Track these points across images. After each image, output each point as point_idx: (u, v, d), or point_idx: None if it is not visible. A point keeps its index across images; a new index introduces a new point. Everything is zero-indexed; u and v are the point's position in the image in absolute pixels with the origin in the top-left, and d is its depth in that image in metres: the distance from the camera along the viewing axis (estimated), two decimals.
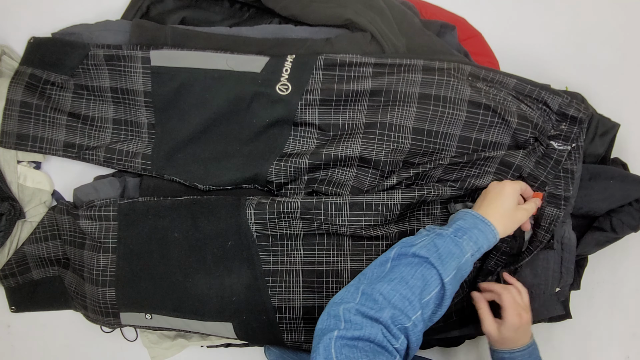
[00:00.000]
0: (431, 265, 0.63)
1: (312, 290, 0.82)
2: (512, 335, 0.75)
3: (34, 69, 0.92)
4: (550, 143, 0.83)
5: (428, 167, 0.82)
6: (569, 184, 0.81)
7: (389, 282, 0.61)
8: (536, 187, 0.82)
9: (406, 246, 0.66)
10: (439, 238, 0.66)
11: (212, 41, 0.91)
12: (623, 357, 1.03)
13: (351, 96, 0.84)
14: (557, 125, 0.85)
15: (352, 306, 0.59)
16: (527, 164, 0.82)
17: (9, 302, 0.99)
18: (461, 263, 0.65)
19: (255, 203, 0.83)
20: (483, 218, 0.70)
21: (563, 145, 0.83)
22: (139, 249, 0.86)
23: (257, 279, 0.83)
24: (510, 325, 0.74)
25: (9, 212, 0.93)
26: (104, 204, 0.88)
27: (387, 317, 0.58)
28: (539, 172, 0.81)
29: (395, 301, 0.59)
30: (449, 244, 0.65)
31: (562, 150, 0.82)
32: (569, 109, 0.83)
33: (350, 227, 0.79)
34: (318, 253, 0.83)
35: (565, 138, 0.84)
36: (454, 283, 0.64)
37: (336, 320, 0.58)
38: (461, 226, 0.68)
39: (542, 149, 0.83)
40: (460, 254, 0.65)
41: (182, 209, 0.85)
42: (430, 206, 0.84)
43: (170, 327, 0.88)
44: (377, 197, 0.79)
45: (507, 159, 0.81)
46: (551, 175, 0.80)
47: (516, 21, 1.04)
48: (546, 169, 0.80)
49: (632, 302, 1.02)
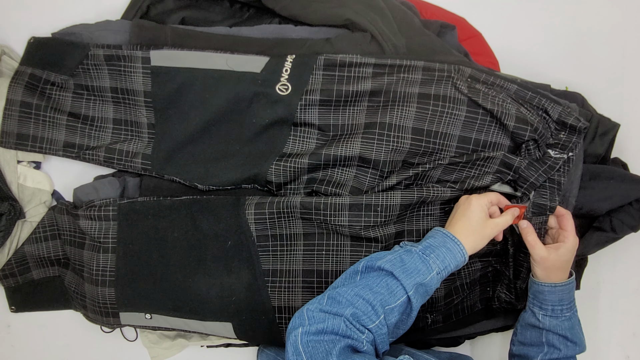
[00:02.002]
0: (395, 278, 0.66)
1: (312, 290, 0.82)
2: (569, 258, 0.76)
3: (34, 69, 0.92)
4: (547, 151, 0.83)
5: (427, 167, 0.82)
6: (554, 194, 0.81)
7: (354, 287, 0.65)
8: (524, 189, 0.81)
9: (374, 260, 0.69)
10: (407, 254, 0.69)
11: (212, 41, 0.91)
12: (623, 357, 1.03)
13: (351, 96, 0.84)
14: (556, 134, 0.84)
15: (315, 306, 0.63)
16: (522, 165, 0.81)
17: (8, 302, 0.99)
18: (426, 280, 0.67)
19: (255, 203, 0.83)
20: (452, 237, 0.71)
21: (560, 154, 0.83)
22: (139, 249, 0.86)
23: (256, 279, 0.83)
24: (572, 246, 0.76)
25: (9, 212, 0.93)
26: (104, 204, 0.88)
27: (349, 313, 0.61)
28: (530, 173, 0.80)
29: (358, 303, 0.63)
30: (416, 260, 0.68)
31: (558, 159, 0.82)
32: (568, 118, 0.83)
33: (349, 227, 0.79)
34: (317, 253, 0.83)
35: (562, 147, 0.83)
36: (418, 297, 0.66)
37: (301, 319, 0.62)
38: (430, 244, 0.71)
39: (538, 154, 0.83)
40: (426, 271, 0.67)
41: (182, 209, 0.85)
42: (430, 207, 0.84)
43: (170, 327, 0.88)
44: (376, 197, 0.79)
45: (506, 160, 0.81)
46: (542, 178, 0.80)
47: (516, 21, 1.04)
48: (537, 171, 0.80)
49: (632, 302, 1.02)
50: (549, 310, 0.77)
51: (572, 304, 0.78)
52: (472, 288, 0.89)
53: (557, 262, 0.76)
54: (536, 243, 0.77)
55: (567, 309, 0.77)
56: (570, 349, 0.77)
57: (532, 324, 0.79)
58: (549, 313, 0.77)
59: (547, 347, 0.77)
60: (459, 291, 0.88)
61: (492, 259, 0.88)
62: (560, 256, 0.76)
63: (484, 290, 0.90)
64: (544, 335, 0.78)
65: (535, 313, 0.78)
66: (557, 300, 0.76)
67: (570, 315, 0.77)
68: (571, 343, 0.77)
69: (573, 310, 0.78)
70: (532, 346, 0.79)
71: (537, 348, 0.78)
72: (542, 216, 0.81)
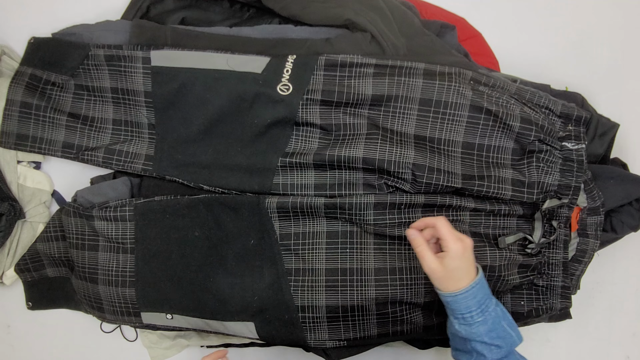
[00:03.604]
0: None
1: (336, 288, 0.82)
2: (459, 265, 0.70)
3: (34, 69, 0.92)
4: (563, 145, 0.84)
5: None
6: (597, 193, 0.85)
7: None
8: (571, 196, 0.83)
9: None
10: None
11: (212, 41, 0.91)
12: (623, 357, 1.03)
13: (352, 96, 0.84)
14: (564, 127, 0.85)
15: None
16: (550, 179, 0.83)
17: (26, 297, 0.99)
18: None
19: (277, 201, 0.82)
20: None
21: (577, 145, 0.83)
22: (158, 249, 0.86)
23: (279, 277, 0.83)
24: (454, 254, 0.70)
25: (9, 212, 0.93)
26: (119, 205, 0.87)
27: None
28: (568, 179, 0.81)
29: None
30: None
31: (579, 149, 0.82)
32: (572, 111, 0.84)
33: (375, 225, 0.80)
34: (341, 251, 0.83)
35: (576, 137, 0.84)
36: None
37: None
38: None
39: (558, 153, 0.83)
40: None
41: (201, 207, 0.85)
42: (459, 212, 0.84)
43: (191, 327, 0.88)
44: (400, 196, 0.80)
45: None
46: (581, 177, 0.81)
47: (516, 21, 1.04)
48: (573, 174, 0.81)
49: (632, 302, 1.02)
50: (461, 319, 0.72)
51: (482, 307, 0.71)
52: (501, 296, 0.88)
53: (447, 272, 0.70)
54: (425, 254, 0.72)
55: (478, 313, 0.71)
56: (494, 353, 0.72)
57: (454, 333, 0.75)
58: (461, 321, 0.72)
59: (474, 353, 0.73)
60: None
61: (530, 273, 0.87)
62: (447, 266, 0.70)
63: (517, 303, 0.88)
64: (467, 342, 0.73)
65: (452, 322, 0.74)
66: (463, 308, 0.71)
67: (483, 319, 0.71)
68: (494, 347, 0.71)
69: (486, 312, 0.71)
70: (464, 353, 0.76)
71: (467, 355, 0.75)
72: (598, 216, 0.86)
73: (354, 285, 0.82)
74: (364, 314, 0.83)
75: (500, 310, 0.73)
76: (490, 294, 0.73)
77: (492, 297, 0.73)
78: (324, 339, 0.84)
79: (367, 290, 0.82)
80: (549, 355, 1.03)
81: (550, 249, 0.86)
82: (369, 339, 0.85)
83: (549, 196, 0.83)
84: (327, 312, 0.82)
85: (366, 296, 0.82)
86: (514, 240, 0.84)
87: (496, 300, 0.73)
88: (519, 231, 0.86)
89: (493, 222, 0.85)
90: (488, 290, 0.73)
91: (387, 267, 0.82)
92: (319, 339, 0.84)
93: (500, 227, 0.86)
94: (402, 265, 0.82)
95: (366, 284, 0.82)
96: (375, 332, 0.84)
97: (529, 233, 0.85)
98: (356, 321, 0.83)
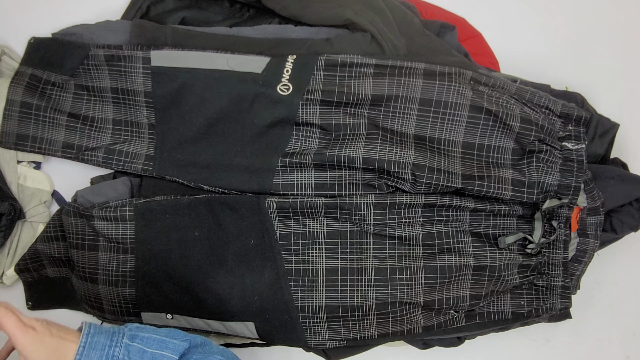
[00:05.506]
0: None
1: (336, 289, 0.82)
2: (45, 353, 0.53)
3: (34, 69, 0.92)
4: (563, 145, 0.84)
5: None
6: (597, 193, 0.84)
7: None
8: (571, 196, 0.83)
9: None
10: None
11: (212, 41, 0.91)
12: (623, 357, 1.03)
13: (352, 96, 0.84)
14: (564, 127, 0.85)
15: None
16: (550, 179, 0.83)
17: (26, 298, 0.98)
18: None
19: (277, 201, 0.83)
20: None
21: (577, 145, 0.83)
22: (158, 249, 0.86)
23: (279, 277, 0.83)
24: (29, 351, 0.53)
25: (9, 212, 0.93)
26: (120, 204, 0.87)
27: None
28: (568, 179, 0.81)
29: None
30: None
31: (579, 149, 0.82)
32: (572, 111, 0.84)
33: (375, 225, 0.80)
34: (341, 252, 0.83)
35: (576, 138, 0.84)
36: None
37: None
38: None
39: (558, 153, 0.83)
40: None
41: (201, 207, 0.85)
42: (459, 212, 0.84)
43: (191, 327, 0.88)
44: (400, 196, 0.80)
45: None
46: (581, 177, 0.81)
47: (516, 21, 1.04)
48: (573, 174, 0.81)
49: (632, 302, 1.02)
50: None
51: (113, 346, 0.55)
52: (501, 296, 0.88)
53: None
54: (15, 332, 0.53)
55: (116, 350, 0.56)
56: None
57: None
58: None
59: None
60: (487, 297, 0.87)
61: (530, 273, 0.87)
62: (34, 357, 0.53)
63: (517, 303, 0.88)
64: None
65: None
66: None
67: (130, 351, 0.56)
68: None
69: (129, 347, 0.56)
70: None
71: None
72: (597, 216, 0.86)
73: (354, 286, 0.82)
74: (364, 314, 0.83)
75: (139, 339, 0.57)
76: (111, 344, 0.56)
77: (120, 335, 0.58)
78: (324, 339, 0.84)
79: (367, 291, 0.82)
80: (549, 355, 1.03)
81: (550, 249, 0.87)
82: (369, 339, 0.85)
83: (549, 196, 0.83)
84: (327, 312, 0.82)
85: (366, 296, 0.82)
86: (513, 240, 0.84)
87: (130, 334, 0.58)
88: (519, 231, 0.86)
89: (493, 222, 0.86)
90: (106, 339, 0.56)
91: (387, 267, 0.82)
92: (319, 339, 0.84)
93: (500, 227, 0.86)
94: (402, 265, 0.82)
95: (366, 284, 0.82)
96: (375, 332, 0.84)
97: (528, 233, 0.86)
98: (356, 321, 0.83)
